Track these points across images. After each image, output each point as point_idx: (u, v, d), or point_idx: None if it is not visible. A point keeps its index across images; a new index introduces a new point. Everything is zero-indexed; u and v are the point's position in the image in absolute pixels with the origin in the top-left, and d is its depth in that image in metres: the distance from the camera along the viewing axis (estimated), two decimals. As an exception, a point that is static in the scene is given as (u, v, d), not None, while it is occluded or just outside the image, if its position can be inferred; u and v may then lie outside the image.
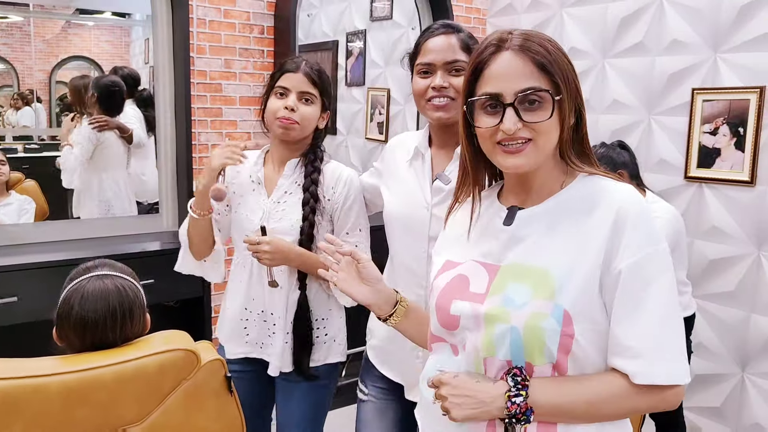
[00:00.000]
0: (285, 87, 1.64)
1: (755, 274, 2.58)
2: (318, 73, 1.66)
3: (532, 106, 0.97)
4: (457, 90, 1.42)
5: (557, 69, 0.97)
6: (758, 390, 2.60)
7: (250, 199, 1.70)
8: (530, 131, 0.97)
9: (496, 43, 1.00)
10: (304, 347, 1.69)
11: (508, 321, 0.97)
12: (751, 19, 2.53)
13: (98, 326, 1.19)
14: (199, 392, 1.23)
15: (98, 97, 2.63)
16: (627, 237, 0.95)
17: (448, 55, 1.44)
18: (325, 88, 1.68)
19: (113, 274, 1.26)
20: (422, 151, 1.53)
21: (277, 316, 1.68)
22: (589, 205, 1.00)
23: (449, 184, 1.45)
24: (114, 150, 2.67)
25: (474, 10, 3.56)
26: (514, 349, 0.97)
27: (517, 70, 0.97)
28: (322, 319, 1.73)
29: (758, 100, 2.49)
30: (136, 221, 2.64)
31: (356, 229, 1.69)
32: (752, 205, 2.57)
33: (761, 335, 2.57)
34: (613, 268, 0.95)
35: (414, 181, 1.53)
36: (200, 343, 1.28)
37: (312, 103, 1.65)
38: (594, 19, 3.08)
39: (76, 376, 1.10)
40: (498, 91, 0.98)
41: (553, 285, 0.96)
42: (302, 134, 1.66)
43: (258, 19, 2.80)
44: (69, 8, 2.67)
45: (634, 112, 2.95)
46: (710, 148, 2.66)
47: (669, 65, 2.79)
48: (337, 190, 1.67)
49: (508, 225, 1.05)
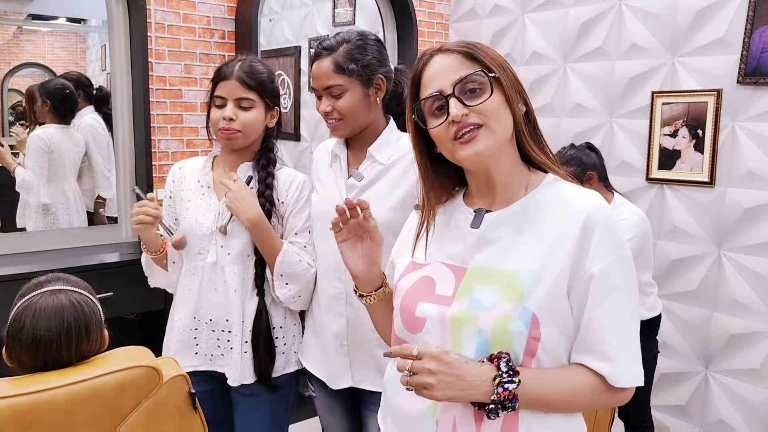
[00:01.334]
0: (221, 96, 1.60)
1: (716, 273, 2.63)
2: (253, 75, 1.61)
3: (473, 93, 1.00)
4: (340, 112, 1.52)
5: (485, 56, 1.02)
6: (721, 387, 2.65)
7: (199, 203, 1.66)
8: (478, 115, 0.99)
9: (425, 54, 1.07)
10: (268, 356, 1.65)
11: (476, 324, 0.97)
12: (707, 23, 2.58)
13: (52, 345, 1.13)
14: (161, 411, 1.18)
15: (52, 104, 2.54)
16: (596, 242, 0.97)
17: (324, 81, 1.52)
18: (264, 87, 1.63)
19: (68, 288, 1.20)
20: (338, 153, 1.62)
21: (233, 322, 1.62)
22: (556, 210, 1.01)
23: (362, 181, 1.55)
24: (65, 159, 2.58)
25: (437, 15, 3.56)
26: (480, 351, 0.97)
27: (449, 65, 1.02)
28: (279, 328, 1.69)
29: (715, 102, 2.55)
30: (94, 232, 2.55)
31: (305, 231, 1.67)
32: (712, 205, 2.62)
33: (723, 333, 2.62)
34: (582, 273, 0.97)
35: (332, 180, 1.62)
36: (162, 359, 1.23)
37: (251, 107, 1.61)
38: (555, 24, 3.11)
39: (29, 399, 1.05)
40: (437, 89, 1.02)
41: (522, 288, 0.96)
42: (247, 141, 1.64)
43: (218, 24, 2.75)
44: (21, 14, 2.58)
45: (596, 116, 2.99)
46: (670, 150, 2.71)
47: (629, 69, 2.84)
48: (290, 193, 1.67)
49: (476, 227, 1.05)
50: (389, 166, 1.56)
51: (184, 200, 1.68)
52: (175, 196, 1.72)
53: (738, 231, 2.55)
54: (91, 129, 2.65)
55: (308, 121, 3.59)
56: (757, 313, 2.52)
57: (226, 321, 1.63)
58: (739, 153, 2.53)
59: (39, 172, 2.49)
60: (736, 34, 2.50)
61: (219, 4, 2.75)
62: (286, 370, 1.70)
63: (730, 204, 2.56)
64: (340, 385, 1.60)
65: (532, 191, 1.05)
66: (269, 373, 1.65)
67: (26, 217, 2.50)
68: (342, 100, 1.51)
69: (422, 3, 3.46)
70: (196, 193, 1.68)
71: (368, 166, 1.57)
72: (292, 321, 1.73)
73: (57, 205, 2.56)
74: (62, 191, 2.57)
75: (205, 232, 1.63)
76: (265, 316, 1.64)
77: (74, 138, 2.62)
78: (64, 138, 2.58)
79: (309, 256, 1.65)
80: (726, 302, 2.60)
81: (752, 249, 2.52)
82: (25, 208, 2.50)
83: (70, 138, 2.61)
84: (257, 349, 1.63)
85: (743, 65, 2.47)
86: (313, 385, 1.72)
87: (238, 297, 1.62)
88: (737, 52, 2.49)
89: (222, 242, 1.62)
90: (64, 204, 2.57)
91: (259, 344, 1.63)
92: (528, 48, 3.22)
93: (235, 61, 1.63)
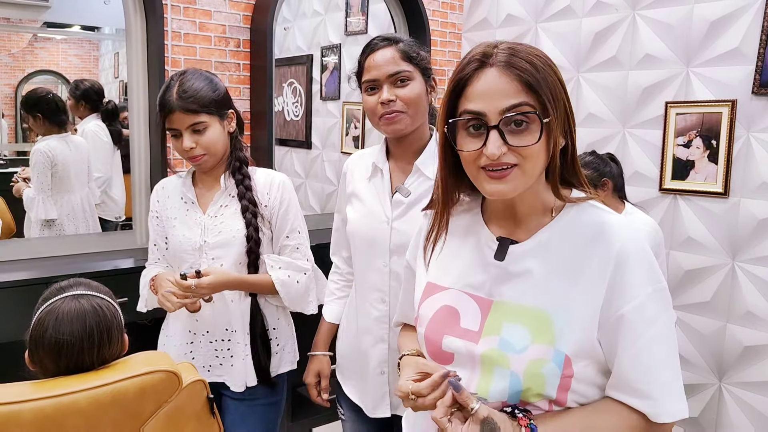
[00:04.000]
0: (173, 129, 1.59)
1: (730, 284, 2.61)
2: (191, 97, 1.55)
3: (518, 128, 0.90)
4: (405, 101, 1.44)
5: (545, 88, 0.91)
6: (735, 399, 2.63)
7: (185, 219, 1.67)
8: (516, 156, 0.91)
9: (479, 58, 0.93)
10: (267, 355, 1.67)
11: (507, 366, 0.93)
12: (722, 34, 2.58)
13: (74, 349, 1.14)
14: (180, 415, 1.18)
15: (43, 116, 2.48)
16: (628, 278, 0.92)
17: (391, 67, 1.44)
18: (208, 103, 1.58)
19: (89, 293, 1.21)
20: (380, 166, 1.53)
21: (236, 330, 1.64)
22: (585, 240, 0.95)
23: (409, 197, 1.46)
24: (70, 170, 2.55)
25: (450, 24, 3.58)
26: (512, 392, 0.94)
27: (503, 88, 0.90)
28: (273, 329, 1.71)
29: (730, 113, 2.54)
30: (109, 238, 2.56)
31: (295, 231, 1.68)
32: (726, 216, 2.61)
33: (737, 345, 2.60)
34: (614, 310, 0.92)
35: (374, 197, 1.53)
36: (181, 364, 1.23)
37: (206, 128, 1.58)
38: (568, 33, 3.12)
39: (51, 402, 1.05)
40: (481, 110, 0.91)
41: (553, 329, 0.92)
42: (217, 158, 1.64)
43: (234, 33, 2.77)
44: (36, 21, 2.61)
45: (609, 126, 2.98)
46: (684, 161, 2.70)
47: (642, 79, 2.83)
48: (272, 195, 1.67)
49: (500, 260, 0.99)
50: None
51: (170, 218, 1.69)
52: (161, 215, 1.73)
53: (752, 242, 2.54)
54: (93, 135, 2.64)
55: (320, 129, 3.60)
56: (771, 324, 2.50)
57: (225, 330, 1.64)
58: (753, 164, 2.52)
59: (39, 188, 2.46)
60: (751, 44, 2.49)
61: (235, 13, 2.77)
62: (280, 370, 1.73)
63: (744, 215, 2.55)
64: (378, 414, 1.55)
65: (558, 215, 0.99)
66: (269, 372, 1.68)
67: (30, 230, 2.47)
68: (407, 89, 1.44)
69: (435, 12, 3.48)
70: (181, 209, 1.69)
71: (415, 180, 1.49)
72: (285, 321, 1.76)
73: (62, 216, 2.52)
74: (69, 201, 2.55)
75: (194, 246, 1.64)
76: (260, 316, 1.67)
77: (77, 144, 2.59)
78: (66, 147, 2.55)
79: (302, 255, 1.67)
80: (740, 314, 2.59)
81: (767, 260, 2.50)
82: (29, 222, 2.48)
83: (74, 146, 2.58)
84: (256, 350, 1.65)
85: (758, 76, 2.46)
86: (343, 407, 1.68)
87: (237, 305, 1.65)
88: (752, 63, 2.49)
89: (213, 254, 1.63)
90: (71, 214, 2.55)
91: (257, 344, 1.65)
92: (540, 58, 3.22)
93: (170, 89, 1.58)
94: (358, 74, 1.52)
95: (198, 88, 1.57)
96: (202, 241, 1.63)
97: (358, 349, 1.58)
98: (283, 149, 3.63)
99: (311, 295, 1.71)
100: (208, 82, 1.60)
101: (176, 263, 1.70)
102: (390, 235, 1.48)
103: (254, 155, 2.79)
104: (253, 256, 1.64)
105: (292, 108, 3.59)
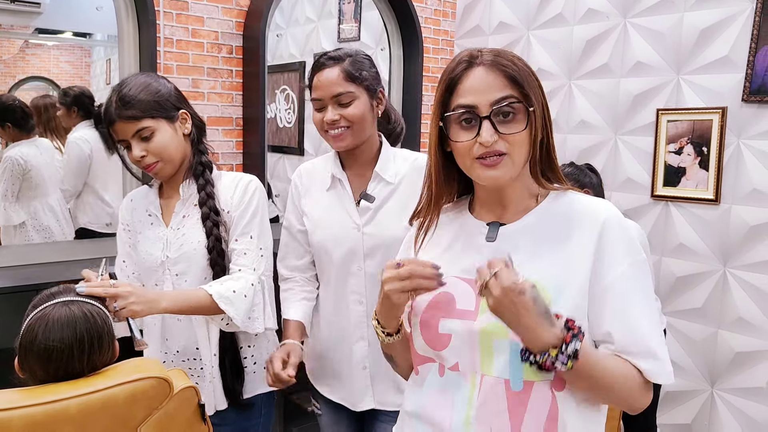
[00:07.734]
0: (122, 140, 1.49)
1: (721, 290, 2.62)
2: (131, 104, 1.45)
3: (506, 118, 0.99)
4: (349, 120, 1.50)
5: (527, 82, 1.01)
6: (727, 406, 2.63)
7: (149, 233, 1.57)
8: (505, 144, 0.99)
9: (467, 59, 1.03)
10: (235, 375, 1.56)
11: (506, 336, 0.96)
12: (712, 42, 2.60)
13: (64, 356, 1.12)
14: (171, 422, 1.17)
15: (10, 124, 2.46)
16: (612, 248, 0.99)
17: (334, 88, 1.49)
18: (151, 107, 1.47)
19: (80, 299, 1.19)
20: (339, 176, 1.59)
21: (202, 349, 1.54)
22: (570, 219, 1.03)
23: (374, 202, 1.54)
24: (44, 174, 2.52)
25: (442, 32, 3.59)
26: (513, 362, 0.96)
27: (491, 83, 1.00)
28: (249, 347, 1.60)
29: (720, 120, 2.56)
30: (99, 244, 2.55)
31: (246, 235, 1.52)
32: (717, 222, 2.62)
33: (729, 351, 2.61)
34: (602, 278, 0.98)
35: (339, 206, 1.58)
36: (172, 371, 1.22)
37: (152, 132, 1.47)
38: (560, 41, 3.14)
39: (41, 409, 1.04)
40: (473, 103, 1.00)
41: (548, 297, 0.96)
42: (174, 165, 1.52)
43: (227, 39, 2.77)
44: (28, 28, 2.60)
45: (600, 132, 3.00)
46: (675, 167, 2.72)
47: (633, 86, 2.85)
48: (235, 198, 1.54)
49: (492, 241, 1.05)
50: (397, 184, 1.56)
51: (136, 232, 1.60)
52: (131, 228, 1.62)
53: (743, 248, 2.55)
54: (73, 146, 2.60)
55: (312, 136, 3.60)
56: (763, 331, 2.51)
57: (195, 349, 1.55)
58: (744, 170, 2.54)
59: (2, 195, 2.43)
60: (741, 52, 2.52)
61: (227, 20, 2.77)
62: (259, 390, 1.61)
63: (736, 221, 2.57)
64: (362, 407, 1.60)
65: (542, 201, 1.07)
66: (237, 393, 1.56)
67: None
68: (351, 108, 1.50)
69: (428, 20, 3.49)
70: (145, 223, 1.58)
71: (376, 186, 1.56)
72: (264, 339, 1.63)
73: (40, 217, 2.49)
74: (46, 204, 2.52)
75: (156, 262, 1.53)
76: (229, 334, 1.54)
77: (46, 147, 2.56)
78: (37, 151, 2.52)
79: (251, 261, 1.51)
80: (731, 320, 2.60)
81: (758, 266, 2.52)
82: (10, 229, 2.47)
83: (44, 149, 2.55)
84: (224, 369, 1.55)
85: (748, 83, 2.49)
86: (319, 402, 1.71)
87: (202, 322, 1.52)
88: (742, 71, 2.51)
89: (176, 269, 1.52)
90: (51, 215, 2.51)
91: (224, 364, 1.55)
92: (533, 65, 3.18)
93: (110, 100, 1.48)
94: (310, 88, 1.58)
95: (135, 93, 1.46)
96: (164, 256, 1.53)
97: (335, 349, 1.62)
98: (276, 156, 3.63)
99: (256, 311, 1.50)
100: (147, 85, 1.49)
101: (142, 282, 1.60)
102: (362, 240, 1.55)
103: (246, 161, 2.78)
104: (218, 269, 1.51)
105: (285, 114, 3.59)
